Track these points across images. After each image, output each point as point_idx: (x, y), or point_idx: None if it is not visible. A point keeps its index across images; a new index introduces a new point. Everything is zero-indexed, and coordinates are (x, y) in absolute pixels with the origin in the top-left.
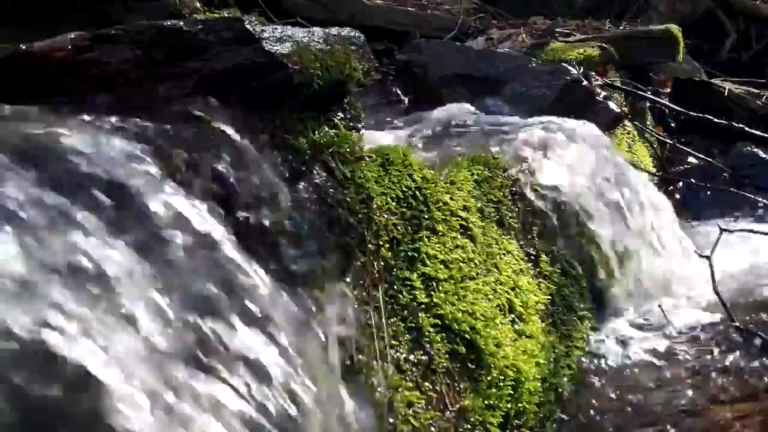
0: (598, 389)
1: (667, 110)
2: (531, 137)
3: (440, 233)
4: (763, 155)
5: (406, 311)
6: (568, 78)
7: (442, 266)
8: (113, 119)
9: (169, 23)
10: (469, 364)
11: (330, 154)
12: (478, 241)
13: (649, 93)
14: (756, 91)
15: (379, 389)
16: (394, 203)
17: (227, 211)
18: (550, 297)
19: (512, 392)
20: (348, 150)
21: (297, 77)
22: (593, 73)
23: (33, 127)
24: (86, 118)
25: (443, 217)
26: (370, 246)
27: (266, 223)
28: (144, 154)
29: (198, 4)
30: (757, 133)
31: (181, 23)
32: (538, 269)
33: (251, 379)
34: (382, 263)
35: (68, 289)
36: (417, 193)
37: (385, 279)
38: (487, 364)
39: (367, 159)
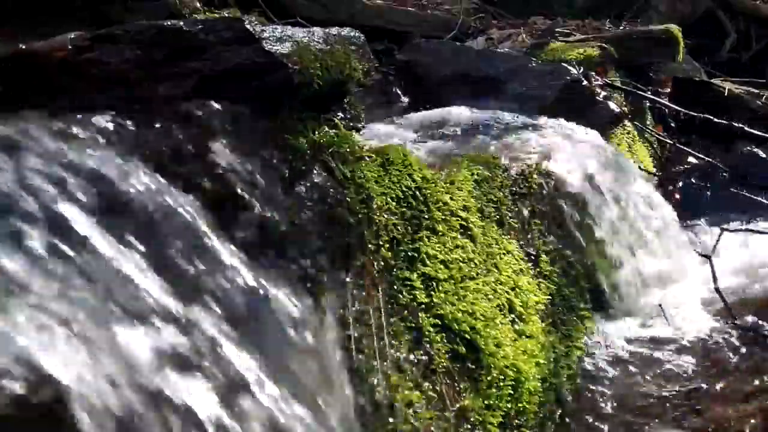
0: (598, 389)
1: (667, 110)
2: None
3: (440, 233)
4: (763, 155)
5: (406, 311)
6: (568, 78)
7: (442, 266)
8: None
9: (169, 23)
10: (469, 364)
11: (330, 154)
12: (478, 241)
13: (649, 93)
14: (756, 91)
15: (378, 389)
16: (394, 203)
17: (226, 211)
18: (550, 297)
19: (512, 392)
20: (348, 150)
21: (297, 77)
22: (593, 73)
23: None
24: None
25: (443, 217)
26: (370, 246)
27: (266, 223)
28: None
29: (198, 4)
30: (757, 133)
31: (181, 23)
32: (538, 269)
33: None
34: (382, 263)
35: None
36: (417, 193)
37: (385, 279)
38: (487, 364)
39: (367, 159)
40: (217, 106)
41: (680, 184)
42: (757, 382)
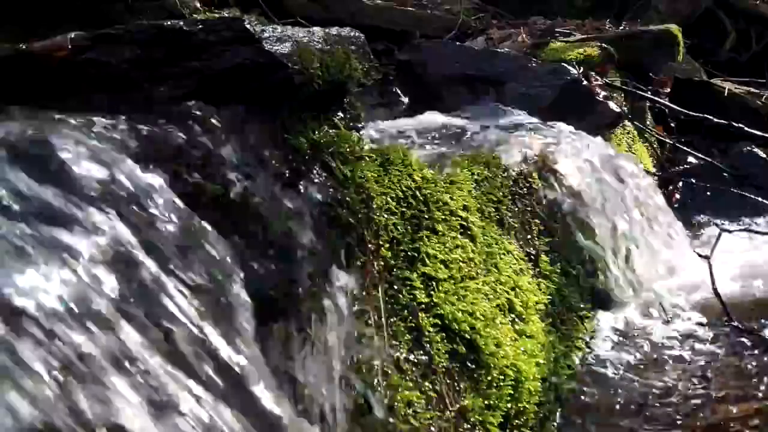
0: (597, 389)
1: (667, 110)
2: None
3: (440, 233)
4: (763, 155)
5: (406, 311)
6: (568, 78)
7: (442, 266)
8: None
9: (169, 23)
10: (469, 364)
11: (330, 154)
12: (478, 240)
13: (649, 93)
14: (756, 91)
15: (379, 389)
16: (394, 203)
17: (226, 211)
18: (550, 297)
19: (512, 392)
20: (348, 150)
21: (297, 77)
22: (593, 73)
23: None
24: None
25: (443, 216)
26: (370, 246)
27: (266, 222)
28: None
29: (198, 4)
30: (757, 133)
31: (181, 23)
32: (538, 269)
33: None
34: (382, 263)
35: None
36: (417, 192)
37: (385, 279)
38: (487, 364)
39: (367, 159)
40: (217, 106)
41: (680, 184)
42: (756, 383)
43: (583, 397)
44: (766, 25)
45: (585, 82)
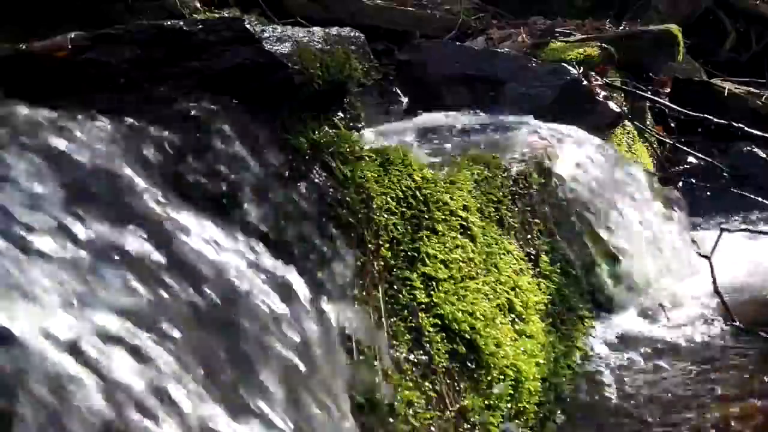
0: (597, 389)
1: (667, 110)
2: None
3: (440, 233)
4: (763, 155)
5: (406, 311)
6: (568, 78)
7: (442, 266)
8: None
9: (169, 23)
10: (469, 364)
11: (330, 153)
12: (478, 240)
13: (649, 93)
14: (756, 91)
15: (379, 389)
16: (394, 203)
17: (226, 211)
18: (550, 297)
19: (512, 392)
20: (348, 150)
21: (297, 77)
22: (593, 73)
23: None
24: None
25: (443, 216)
26: (370, 246)
27: (265, 223)
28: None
29: (198, 4)
30: (757, 133)
31: (181, 23)
32: (538, 269)
33: None
34: (382, 263)
35: None
36: (417, 192)
37: (385, 279)
38: (487, 364)
39: (367, 159)
40: (217, 106)
41: (680, 184)
42: (757, 382)
43: (582, 397)
44: (766, 25)
45: (585, 82)
